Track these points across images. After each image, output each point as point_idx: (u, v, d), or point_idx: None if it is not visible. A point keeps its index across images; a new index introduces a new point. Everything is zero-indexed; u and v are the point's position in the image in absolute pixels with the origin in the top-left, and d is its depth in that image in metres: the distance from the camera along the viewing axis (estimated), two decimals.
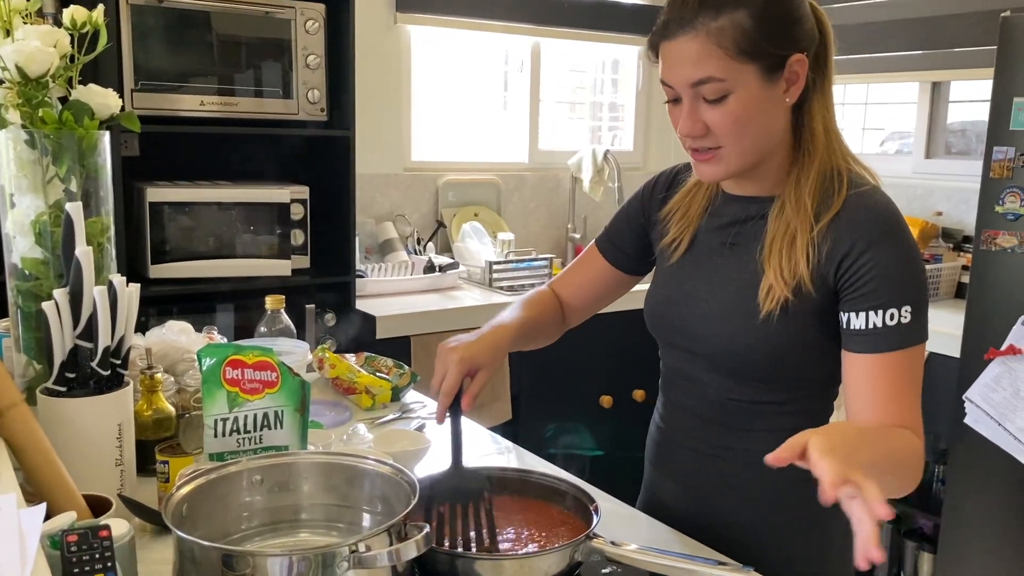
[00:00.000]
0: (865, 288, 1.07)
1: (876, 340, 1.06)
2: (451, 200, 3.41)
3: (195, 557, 0.87)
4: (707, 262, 1.21)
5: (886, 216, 1.09)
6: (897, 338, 1.05)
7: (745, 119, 1.07)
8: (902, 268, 1.07)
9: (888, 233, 1.07)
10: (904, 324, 1.05)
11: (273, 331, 1.68)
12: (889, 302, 1.05)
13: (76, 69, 1.31)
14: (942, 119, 3.32)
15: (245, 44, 2.48)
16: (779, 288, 1.09)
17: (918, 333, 1.06)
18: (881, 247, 1.06)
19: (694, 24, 1.03)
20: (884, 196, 1.12)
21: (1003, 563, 2.41)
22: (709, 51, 1.03)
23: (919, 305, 1.06)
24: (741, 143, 1.09)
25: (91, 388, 1.14)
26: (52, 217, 1.25)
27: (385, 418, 1.63)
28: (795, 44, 1.07)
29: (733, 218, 1.19)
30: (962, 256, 2.98)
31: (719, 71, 1.04)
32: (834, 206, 1.10)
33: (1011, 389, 2.30)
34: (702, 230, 1.22)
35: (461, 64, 3.49)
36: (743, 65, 1.04)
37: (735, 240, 1.18)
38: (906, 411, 1.05)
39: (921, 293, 1.07)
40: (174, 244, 2.42)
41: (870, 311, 1.06)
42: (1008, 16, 2.30)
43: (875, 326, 1.06)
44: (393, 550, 0.86)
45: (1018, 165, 2.29)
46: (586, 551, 1.02)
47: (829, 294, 1.10)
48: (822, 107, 1.14)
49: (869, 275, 1.06)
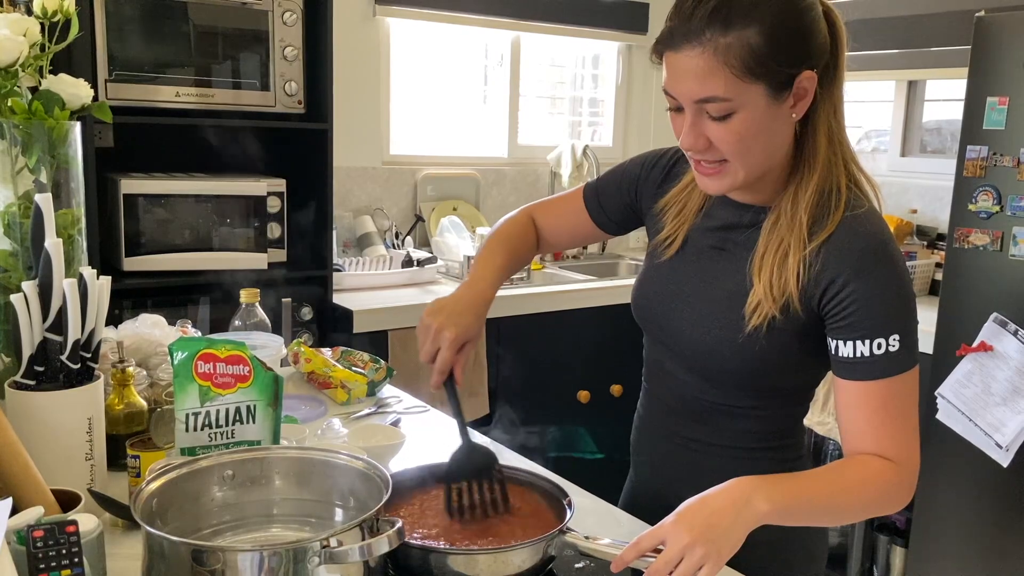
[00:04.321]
0: (851, 318, 1.06)
1: (864, 368, 1.06)
2: (430, 194, 3.40)
3: (164, 552, 0.86)
4: (696, 263, 1.20)
5: (876, 244, 1.06)
6: (886, 366, 1.05)
7: (749, 137, 1.03)
8: (890, 298, 1.05)
9: (876, 263, 1.05)
10: (892, 352, 1.04)
11: (248, 325, 1.67)
12: (876, 332, 1.05)
13: (46, 58, 1.29)
14: (918, 118, 3.36)
15: (222, 35, 2.46)
16: (767, 305, 1.08)
17: (907, 360, 1.05)
18: (868, 277, 1.05)
19: (701, 39, 0.99)
20: (878, 221, 1.09)
21: (974, 556, 2.45)
22: (715, 69, 0.99)
23: (907, 333, 1.05)
24: (745, 159, 1.05)
25: (61, 382, 1.13)
26: (21, 208, 1.23)
27: (360, 413, 1.62)
28: (805, 61, 1.02)
29: (725, 222, 1.17)
30: (936, 253, 3.01)
31: (724, 91, 0.99)
32: (828, 227, 1.07)
33: (982, 385, 2.33)
34: (695, 229, 1.21)
35: (440, 57, 3.48)
36: (750, 84, 1.00)
37: (724, 246, 1.17)
38: (892, 437, 1.06)
39: (909, 321, 1.06)
40: (149, 236, 2.40)
41: (857, 340, 1.05)
42: (982, 16, 2.32)
43: (863, 355, 1.05)
44: (365, 545, 0.86)
45: (991, 164, 2.32)
46: (559, 545, 1.02)
47: (814, 316, 1.09)
48: (829, 116, 1.09)
49: (855, 305, 1.05)
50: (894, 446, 1.06)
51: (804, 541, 1.24)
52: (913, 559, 2.60)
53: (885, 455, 1.06)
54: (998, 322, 2.30)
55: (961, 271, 2.40)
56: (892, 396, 1.06)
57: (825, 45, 1.05)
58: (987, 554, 2.42)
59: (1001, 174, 2.30)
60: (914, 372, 1.07)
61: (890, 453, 1.06)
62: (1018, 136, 2.26)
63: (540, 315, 2.87)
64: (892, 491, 1.07)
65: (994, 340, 2.31)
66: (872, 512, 1.11)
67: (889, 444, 1.06)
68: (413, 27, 3.32)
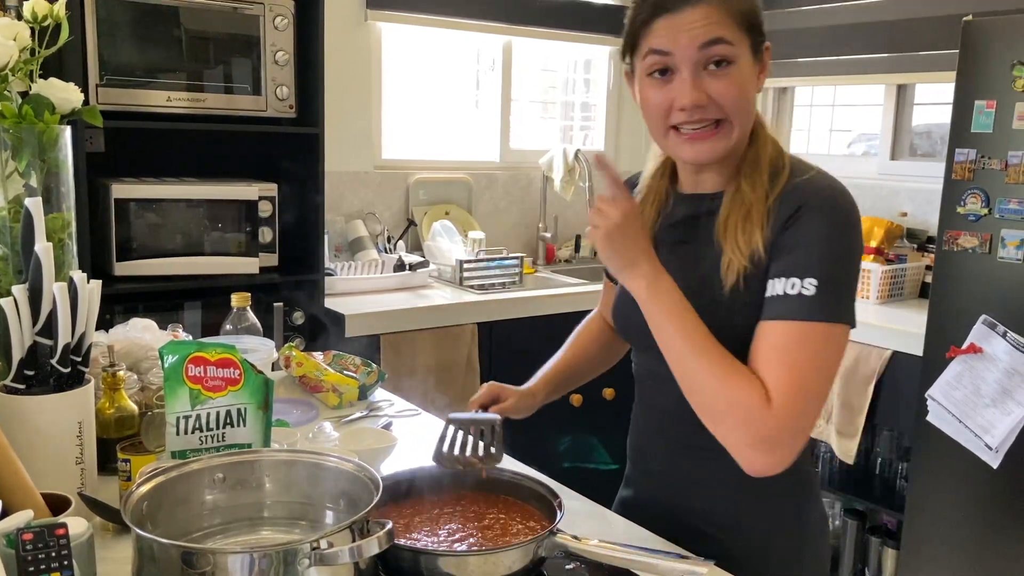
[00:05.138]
0: (780, 256, 1.06)
1: (775, 307, 1.04)
2: (422, 198, 3.40)
3: (154, 555, 0.86)
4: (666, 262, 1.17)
5: (828, 194, 1.08)
6: (794, 308, 1.02)
7: (744, 91, 1.08)
8: (821, 241, 1.03)
9: (823, 207, 1.06)
10: (806, 296, 1.01)
11: (239, 329, 1.67)
12: (793, 271, 1.03)
13: (37, 63, 1.29)
14: (907, 121, 3.37)
15: (213, 40, 2.46)
16: (737, 259, 1.08)
17: (820, 311, 1.01)
18: (810, 218, 1.05)
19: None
20: (833, 179, 1.12)
21: (965, 558, 2.46)
22: (720, 16, 1.05)
23: (828, 282, 1.02)
24: (740, 116, 1.09)
25: (51, 386, 1.13)
26: (11, 212, 1.23)
27: (352, 416, 1.62)
28: (765, 34, 1.12)
29: (685, 215, 1.20)
30: (926, 256, 3.02)
31: (729, 34, 1.05)
32: (779, 186, 1.10)
33: (972, 387, 2.34)
34: (658, 231, 1.22)
35: (432, 62, 3.49)
36: (744, 36, 1.07)
37: (688, 237, 1.18)
38: (773, 371, 1.01)
39: (833, 272, 1.03)
40: (140, 241, 2.40)
41: (776, 279, 1.05)
42: (969, 21, 2.34)
43: (777, 293, 1.04)
44: (355, 547, 0.86)
45: (979, 167, 2.33)
46: (549, 546, 1.02)
47: None
48: None
49: (789, 243, 1.05)
50: (776, 386, 1.01)
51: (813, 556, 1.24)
52: (904, 561, 2.61)
53: (766, 387, 1.01)
54: (987, 324, 2.32)
55: (950, 273, 2.41)
56: (794, 341, 1.02)
57: None
58: (978, 555, 2.43)
59: (989, 177, 2.32)
60: (830, 328, 1.03)
61: (770, 387, 1.01)
62: (1005, 139, 2.28)
63: (533, 319, 2.88)
64: (749, 414, 1.01)
65: (983, 342, 2.32)
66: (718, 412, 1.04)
67: (772, 381, 1.01)
68: (405, 32, 3.33)
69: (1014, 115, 2.26)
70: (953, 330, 2.39)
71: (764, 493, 1.16)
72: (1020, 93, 2.24)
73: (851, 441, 2.68)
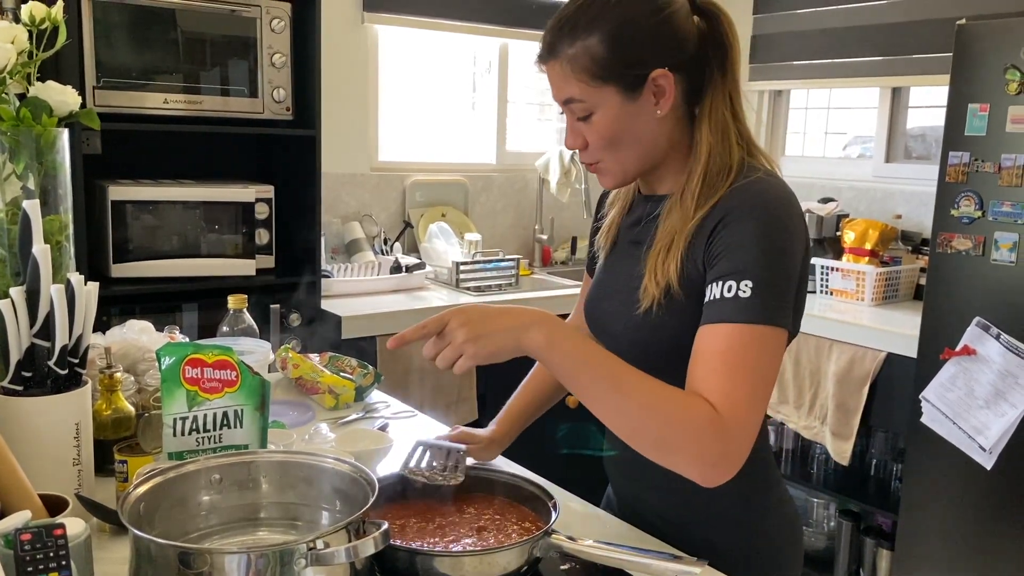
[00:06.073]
0: (715, 261, 1.05)
1: (712, 311, 1.03)
2: (418, 200, 3.41)
3: (151, 556, 0.87)
4: (621, 260, 1.24)
5: (757, 196, 1.06)
6: (732, 310, 1.01)
7: (612, 135, 1.11)
8: (753, 244, 1.03)
9: (752, 210, 1.05)
10: (742, 298, 1.01)
11: (235, 331, 1.67)
12: (730, 275, 1.03)
13: (34, 66, 1.29)
14: (902, 124, 3.39)
15: (210, 42, 2.47)
16: (652, 289, 1.11)
17: (757, 313, 1.00)
18: (739, 223, 1.05)
19: (555, 52, 1.10)
20: (768, 182, 1.09)
21: (959, 558, 2.47)
22: (567, 76, 1.10)
23: (763, 285, 1.01)
24: (616, 156, 1.13)
25: (48, 387, 1.13)
26: (9, 215, 1.23)
27: (348, 418, 1.63)
28: (653, 61, 1.08)
29: (640, 216, 1.22)
30: (920, 259, 3.04)
31: (578, 93, 1.10)
32: (711, 203, 1.09)
33: (965, 389, 2.35)
34: (622, 229, 1.26)
35: (429, 64, 3.49)
36: (601, 87, 1.08)
37: (639, 238, 1.19)
38: (717, 380, 0.99)
39: (769, 275, 1.02)
40: (137, 243, 2.40)
41: (714, 283, 1.04)
42: (963, 24, 2.35)
43: (714, 298, 1.03)
44: (351, 547, 0.87)
45: (972, 170, 2.35)
46: (544, 547, 1.03)
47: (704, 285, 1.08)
48: (720, 107, 1.12)
49: (721, 248, 1.05)
50: (722, 396, 0.98)
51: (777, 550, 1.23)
52: (899, 561, 2.62)
53: (709, 400, 0.99)
54: (981, 326, 2.33)
55: (944, 276, 2.43)
56: (734, 345, 1.00)
57: (682, 44, 1.10)
58: (972, 556, 2.44)
59: (982, 180, 2.33)
60: (768, 331, 1.01)
61: (714, 399, 0.98)
62: (998, 142, 2.29)
63: None
64: (702, 432, 0.97)
65: (977, 344, 2.33)
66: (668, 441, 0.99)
67: (717, 392, 0.99)
68: (401, 34, 3.34)
69: (1007, 118, 2.27)
70: (947, 332, 2.40)
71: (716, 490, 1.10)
72: (1013, 96, 2.26)
73: (846, 442, 2.69)
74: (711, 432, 0.97)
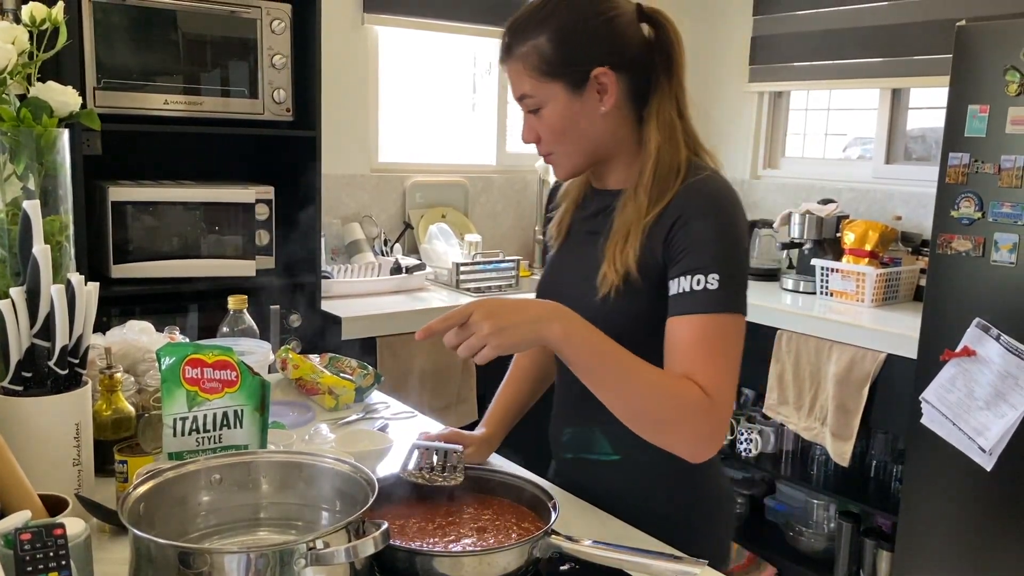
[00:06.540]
0: (679, 256, 1.15)
1: (683, 303, 1.13)
2: (418, 201, 3.41)
3: (151, 556, 0.87)
4: (575, 250, 1.32)
5: (710, 197, 1.16)
6: (703, 302, 1.12)
7: (560, 129, 1.20)
8: (714, 240, 1.13)
9: (708, 209, 1.15)
10: (711, 290, 1.11)
11: (235, 331, 1.67)
12: (697, 269, 1.12)
13: (35, 66, 1.29)
14: (902, 125, 3.39)
15: (210, 43, 2.47)
16: (612, 276, 1.19)
17: (725, 302, 1.12)
18: (698, 221, 1.14)
19: (510, 51, 1.21)
20: (717, 181, 1.19)
21: (959, 560, 2.47)
22: (520, 73, 1.20)
23: (727, 276, 1.12)
24: (564, 148, 1.23)
25: (48, 388, 1.13)
26: (9, 215, 1.23)
27: (348, 419, 1.63)
28: (596, 60, 1.17)
29: (595, 209, 1.30)
30: (920, 260, 3.04)
31: (529, 89, 1.20)
32: (665, 199, 1.18)
33: (965, 390, 2.35)
34: (575, 220, 1.34)
35: (429, 65, 3.50)
36: (549, 83, 1.18)
37: (594, 229, 1.27)
38: (701, 367, 1.10)
39: (730, 267, 1.13)
40: (137, 244, 2.40)
41: (680, 276, 1.14)
42: (963, 25, 2.35)
43: (684, 290, 1.13)
44: (351, 547, 0.87)
45: (972, 171, 2.35)
46: (544, 547, 1.03)
47: (661, 274, 1.17)
48: (666, 106, 1.21)
49: (684, 244, 1.14)
50: (708, 380, 1.09)
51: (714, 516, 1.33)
52: (899, 563, 2.62)
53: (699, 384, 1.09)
54: (980, 327, 2.33)
55: (944, 277, 2.43)
56: (709, 333, 1.11)
57: (624, 45, 1.19)
58: (972, 557, 2.44)
59: (982, 181, 2.33)
60: (734, 319, 1.13)
61: (702, 383, 1.09)
62: (998, 143, 2.29)
63: None
64: (694, 412, 1.09)
65: (977, 345, 2.33)
66: (665, 422, 1.11)
67: (703, 376, 1.09)
68: (402, 35, 3.34)
69: (1007, 119, 2.27)
70: (947, 333, 2.40)
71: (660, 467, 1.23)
72: (1013, 97, 2.26)
73: (846, 444, 2.69)
74: (703, 413, 1.09)
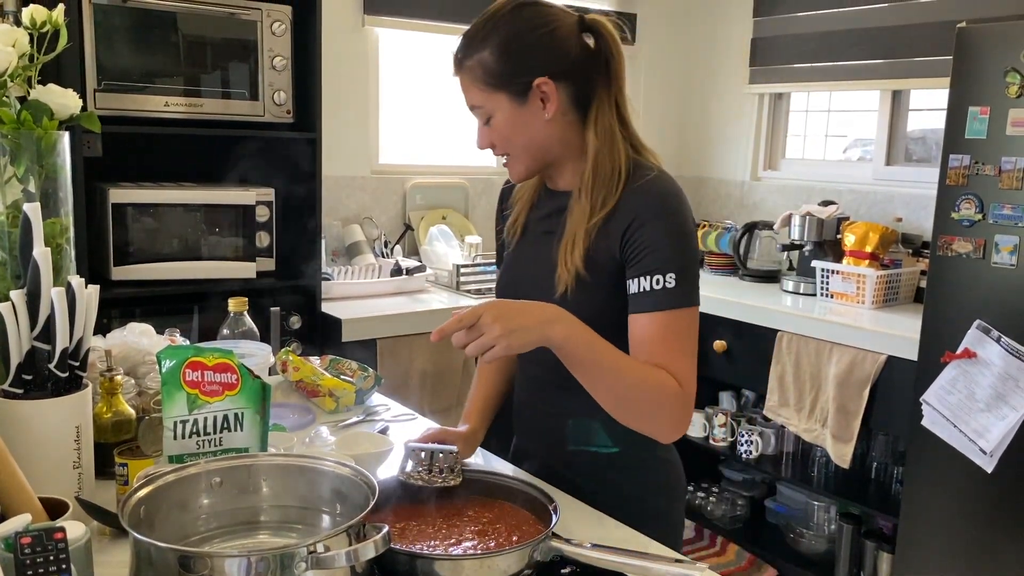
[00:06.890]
0: (637, 258, 1.22)
1: (644, 301, 1.22)
2: (419, 203, 3.41)
3: (152, 559, 0.87)
4: (532, 249, 1.37)
5: (659, 197, 1.24)
6: (664, 299, 1.21)
7: (508, 136, 1.28)
8: (669, 241, 1.21)
9: (660, 211, 1.23)
10: (669, 288, 1.20)
11: (236, 333, 1.67)
12: (655, 269, 1.21)
13: (35, 69, 1.29)
14: (902, 127, 3.39)
15: (210, 45, 2.47)
16: (565, 276, 1.27)
17: (683, 298, 1.21)
18: (652, 223, 1.22)
19: (460, 64, 1.28)
20: (664, 182, 1.26)
21: (959, 562, 2.46)
22: (469, 85, 1.28)
23: (684, 274, 1.21)
24: (515, 153, 1.30)
25: (48, 390, 1.13)
26: (9, 218, 1.23)
27: (348, 421, 1.63)
28: (537, 70, 1.24)
29: (550, 210, 1.36)
30: (921, 261, 3.03)
31: (478, 100, 1.27)
32: (610, 203, 1.25)
33: (966, 392, 2.35)
34: (530, 220, 1.40)
35: (429, 67, 3.49)
36: (494, 93, 1.25)
37: (549, 229, 1.34)
38: (672, 360, 1.20)
39: (684, 264, 1.22)
40: (137, 246, 2.40)
41: (640, 276, 1.22)
42: (964, 27, 2.35)
43: (644, 289, 1.22)
44: (351, 550, 0.87)
45: (973, 173, 2.35)
46: (545, 550, 1.03)
47: (616, 271, 1.25)
48: (606, 113, 1.28)
49: (640, 246, 1.22)
50: (678, 370, 1.20)
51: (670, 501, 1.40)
52: (900, 565, 2.62)
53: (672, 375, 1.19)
54: (981, 329, 2.33)
55: (945, 279, 2.42)
56: (672, 328, 1.21)
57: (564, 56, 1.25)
58: (972, 559, 2.44)
59: (983, 183, 2.33)
60: (690, 311, 1.22)
61: (674, 373, 1.19)
62: (999, 145, 2.29)
63: None
64: (672, 401, 1.19)
65: (977, 347, 2.33)
66: (648, 411, 1.21)
67: (674, 368, 1.20)
68: (402, 37, 3.34)
69: (1007, 121, 2.27)
70: (948, 335, 2.40)
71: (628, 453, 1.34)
72: (1013, 99, 2.26)
73: (847, 445, 2.69)
74: (679, 402, 1.20)
